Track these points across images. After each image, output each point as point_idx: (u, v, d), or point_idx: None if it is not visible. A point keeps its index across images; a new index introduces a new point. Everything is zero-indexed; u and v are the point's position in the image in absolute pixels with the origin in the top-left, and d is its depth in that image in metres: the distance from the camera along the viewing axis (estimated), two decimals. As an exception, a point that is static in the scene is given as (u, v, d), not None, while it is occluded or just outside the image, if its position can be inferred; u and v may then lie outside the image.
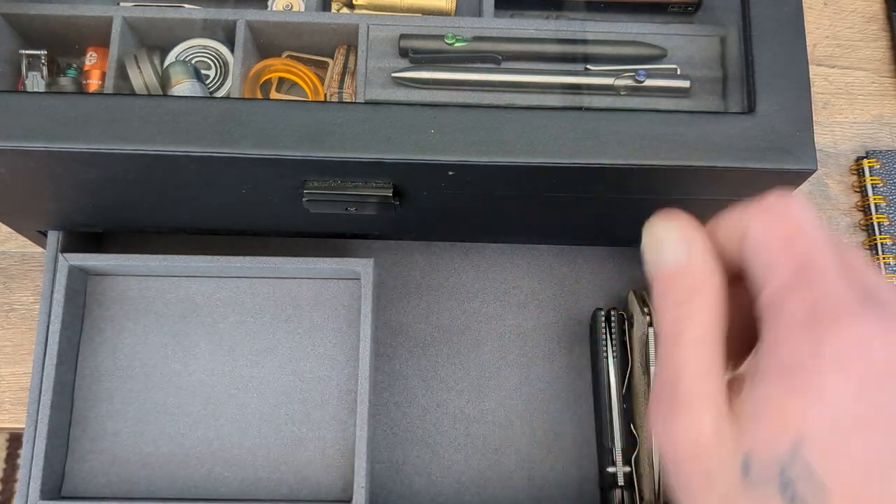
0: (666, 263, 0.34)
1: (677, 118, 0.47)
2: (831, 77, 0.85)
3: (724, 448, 0.31)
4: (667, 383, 0.33)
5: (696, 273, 0.33)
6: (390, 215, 0.56)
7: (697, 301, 0.33)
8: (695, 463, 0.32)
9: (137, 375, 0.68)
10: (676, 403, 0.32)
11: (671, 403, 0.32)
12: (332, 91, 0.65)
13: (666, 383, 0.33)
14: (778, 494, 0.29)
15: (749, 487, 0.30)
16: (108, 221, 0.64)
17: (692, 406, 0.32)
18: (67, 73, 0.67)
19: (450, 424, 0.70)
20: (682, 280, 0.33)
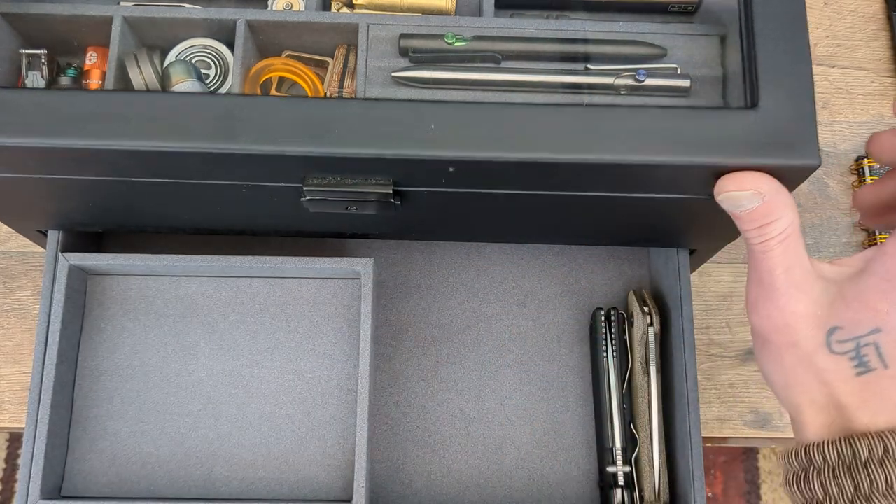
0: (744, 207, 0.45)
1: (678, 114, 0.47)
2: (831, 77, 0.85)
3: (813, 323, 0.44)
4: (761, 278, 0.45)
5: (773, 206, 0.44)
6: (390, 215, 0.56)
7: (781, 220, 0.44)
8: (785, 334, 0.44)
9: (137, 375, 0.68)
10: (773, 290, 0.44)
11: (767, 290, 0.44)
12: (332, 90, 0.65)
13: (760, 278, 0.45)
14: (849, 360, 0.43)
15: (827, 352, 0.43)
16: (108, 221, 0.64)
17: (786, 292, 0.44)
18: (67, 72, 0.67)
19: (450, 424, 0.69)
20: (762, 213, 0.44)
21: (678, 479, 0.65)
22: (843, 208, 0.81)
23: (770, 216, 0.44)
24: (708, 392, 0.75)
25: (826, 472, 0.44)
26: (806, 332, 0.44)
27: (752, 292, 0.46)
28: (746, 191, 0.45)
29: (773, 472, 1.48)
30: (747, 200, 0.45)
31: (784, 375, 0.46)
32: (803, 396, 0.45)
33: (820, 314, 0.44)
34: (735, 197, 0.45)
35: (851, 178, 0.82)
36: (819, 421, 0.45)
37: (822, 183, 0.82)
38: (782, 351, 0.45)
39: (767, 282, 0.45)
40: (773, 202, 0.44)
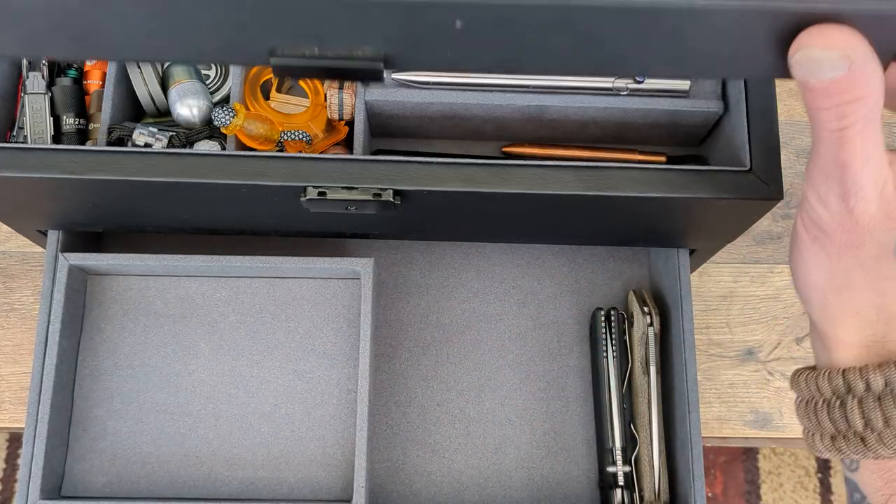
0: (824, 75, 0.35)
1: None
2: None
3: (885, 224, 0.38)
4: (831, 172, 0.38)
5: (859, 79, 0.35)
6: (390, 215, 0.56)
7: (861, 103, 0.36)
8: (851, 233, 0.39)
9: (137, 375, 0.68)
10: (847, 186, 0.38)
11: (841, 181, 0.38)
12: (332, 91, 0.65)
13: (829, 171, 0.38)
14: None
15: (890, 258, 0.39)
16: (108, 221, 0.64)
17: (862, 186, 0.38)
18: (68, 73, 0.67)
19: (450, 424, 0.70)
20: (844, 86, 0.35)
21: (678, 479, 0.65)
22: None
23: (855, 91, 0.35)
24: (708, 392, 0.75)
25: (871, 401, 0.40)
26: (878, 233, 0.39)
27: (819, 182, 0.39)
28: (834, 51, 0.35)
29: (773, 472, 1.49)
30: (830, 66, 0.35)
31: (835, 277, 0.41)
32: (850, 305, 0.41)
33: (890, 215, 0.38)
34: (817, 58, 0.35)
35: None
36: (858, 339, 0.41)
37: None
38: (842, 250, 0.40)
39: (839, 176, 0.38)
40: (862, 73, 0.35)
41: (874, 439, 0.39)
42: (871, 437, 0.39)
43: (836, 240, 0.40)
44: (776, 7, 0.34)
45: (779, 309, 0.78)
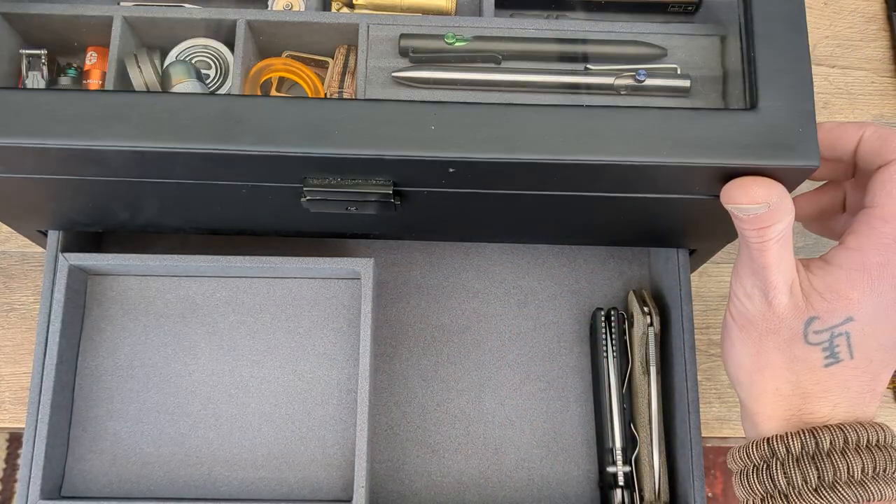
0: (751, 212, 0.46)
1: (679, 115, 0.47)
2: (831, 77, 0.85)
3: (795, 312, 0.48)
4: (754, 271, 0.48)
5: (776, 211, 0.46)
6: (390, 215, 0.56)
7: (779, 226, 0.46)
8: (770, 321, 0.48)
9: (137, 375, 0.68)
10: (766, 283, 0.47)
11: (763, 283, 0.48)
12: (332, 91, 0.65)
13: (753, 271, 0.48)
14: (821, 350, 0.47)
15: (804, 342, 0.47)
16: (108, 221, 0.64)
17: (776, 286, 0.47)
18: (68, 72, 0.67)
19: (450, 424, 0.70)
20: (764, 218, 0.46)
21: (678, 479, 0.65)
22: (843, 208, 0.81)
23: (772, 220, 0.46)
24: (708, 392, 0.75)
25: (790, 462, 0.47)
26: (789, 321, 0.48)
27: (745, 281, 0.49)
28: (757, 204, 0.46)
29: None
30: (753, 209, 0.46)
31: (758, 359, 0.49)
32: (771, 383, 0.49)
33: (801, 306, 0.48)
34: (744, 207, 0.46)
35: (851, 178, 0.82)
36: (779, 412, 0.49)
37: (823, 183, 0.82)
38: (763, 336, 0.49)
39: (761, 276, 0.47)
40: (777, 208, 0.46)
41: (795, 496, 0.47)
42: (793, 494, 0.47)
43: (758, 327, 0.49)
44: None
45: None
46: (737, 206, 0.46)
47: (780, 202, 0.46)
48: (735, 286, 0.50)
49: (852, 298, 0.47)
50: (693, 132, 0.47)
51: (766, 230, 0.46)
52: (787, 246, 0.47)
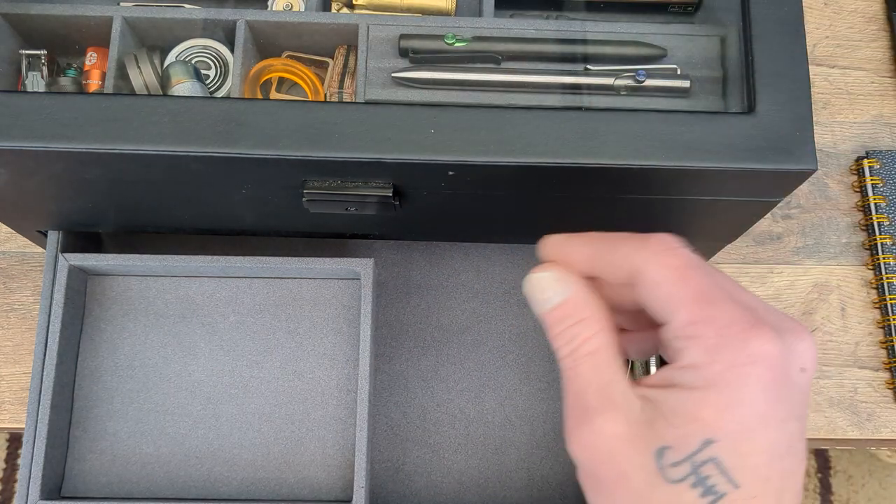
0: (550, 302, 0.40)
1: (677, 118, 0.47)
2: (831, 77, 0.85)
3: (637, 446, 0.36)
4: (573, 401, 0.38)
5: (579, 303, 0.39)
6: (390, 215, 0.56)
7: (585, 324, 0.39)
8: (610, 464, 0.37)
9: (137, 375, 0.68)
10: (586, 412, 0.37)
11: (581, 413, 0.37)
12: (332, 91, 0.65)
13: (572, 402, 0.38)
14: (690, 487, 0.35)
15: (664, 482, 0.35)
16: (108, 221, 0.64)
17: (603, 413, 0.37)
18: (67, 73, 0.67)
19: (450, 424, 0.70)
20: (568, 311, 0.39)
21: (677, 479, 0.65)
22: (843, 209, 0.81)
23: (577, 314, 0.39)
24: (707, 392, 0.75)
25: None
26: (633, 458, 0.36)
27: (568, 420, 0.39)
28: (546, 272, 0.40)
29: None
30: (551, 290, 0.40)
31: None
32: None
33: (643, 435, 0.36)
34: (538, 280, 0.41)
35: (851, 178, 0.82)
36: None
37: (822, 183, 0.82)
38: (613, 489, 0.37)
39: (581, 404, 0.38)
40: (581, 297, 0.39)
41: None
42: None
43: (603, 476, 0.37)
44: None
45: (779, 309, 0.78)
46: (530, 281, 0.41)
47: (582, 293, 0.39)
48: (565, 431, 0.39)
49: (705, 419, 0.35)
50: (691, 135, 0.47)
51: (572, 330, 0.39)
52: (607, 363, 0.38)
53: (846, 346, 0.77)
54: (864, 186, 0.81)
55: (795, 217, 0.81)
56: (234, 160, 0.47)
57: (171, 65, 0.62)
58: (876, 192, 0.80)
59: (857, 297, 0.79)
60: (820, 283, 0.79)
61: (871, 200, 0.80)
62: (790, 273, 0.79)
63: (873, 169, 0.81)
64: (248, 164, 0.48)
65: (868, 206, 0.80)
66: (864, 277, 0.79)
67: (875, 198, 0.80)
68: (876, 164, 0.81)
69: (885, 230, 0.79)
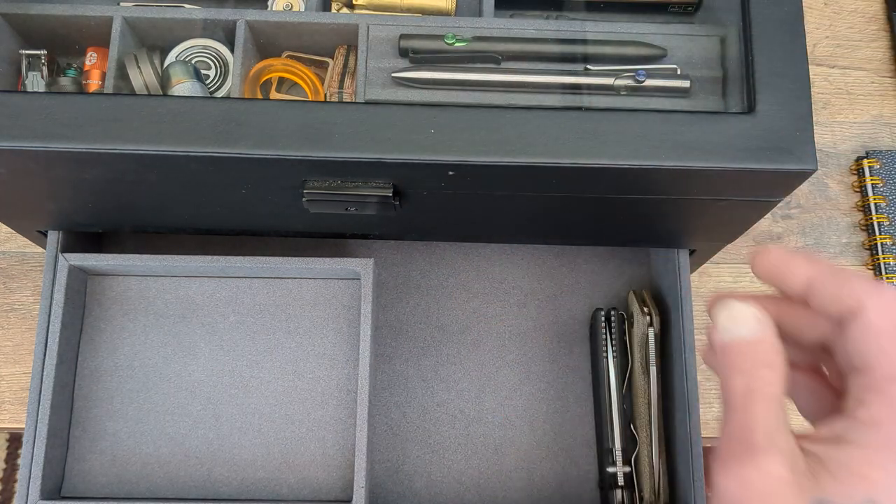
0: (739, 334, 0.39)
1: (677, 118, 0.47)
2: (831, 77, 0.85)
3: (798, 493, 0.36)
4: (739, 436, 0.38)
5: (769, 346, 0.39)
6: (390, 215, 0.56)
7: (770, 369, 0.38)
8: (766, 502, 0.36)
9: (137, 375, 0.68)
10: (753, 450, 0.37)
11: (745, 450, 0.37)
12: (332, 91, 0.65)
13: (737, 436, 0.38)
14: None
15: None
16: (108, 221, 0.64)
17: (769, 454, 0.37)
18: (67, 73, 0.67)
19: (450, 424, 0.70)
20: (756, 350, 0.39)
21: (678, 479, 0.65)
22: (843, 208, 0.81)
23: (766, 358, 0.39)
24: (708, 392, 0.75)
25: None
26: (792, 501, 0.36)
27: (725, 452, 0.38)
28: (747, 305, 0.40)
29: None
30: (746, 326, 0.40)
31: None
32: None
33: (805, 484, 0.37)
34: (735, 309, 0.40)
35: (851, 178, 0.82)
36: None
37: (822, 183, 0.82)
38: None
39: (746, 440, 0.38)
40: (773, 343, 0.39)
41: None
42: None
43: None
44: None
45: None
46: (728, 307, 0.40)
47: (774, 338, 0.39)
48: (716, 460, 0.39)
49: (874, 479, 0.37)
50: (691, 135, 0.47)
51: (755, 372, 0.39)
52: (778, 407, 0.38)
53: (846, 346, 0.77)
54: (864, 186, 0.81)
55: (795, 217, 0.81)
56: (234, 160, 0.47)
57: (171, 65, 0.62)
58: (876, 192, 0.80)
59: (857, 297, 0.79)
60: (820, 283, 0.79)
61: (871, 200, 0.80)
62: (790, 273, 0.79)
63: (873, 169, 0.81)
64: (248, 164, 0.48)
65: (868, 206, 0.80)
66: (864, 277, 0.79)
67: (875, 198, 0.80)
68: (876, 164, 0.81)
69: (885, 230, 0.79)
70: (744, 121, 0.47)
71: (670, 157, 0.46)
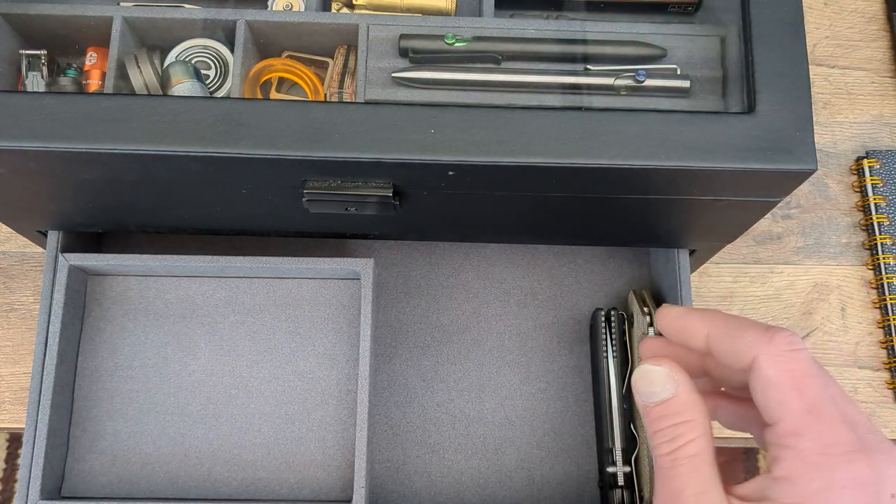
0: (657, 396, 0.40)
1: (677, 118, 0.47)
2: (831, 77, 0.85)
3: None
4: (668, 501, 0.38)
5: (685, 404, 0.39)
6: (390, 215, 0.56)
7: (689, 424, 0.39)
8: None
9: (137, 375, 0.68)
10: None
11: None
12: (332, 91, 0.65)
13: (666, 501, 0.38)
14: None
15: None
16: (108, 221, 0.64)
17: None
18: (67, 73, 0.67)
19: (450, 424, 0.70)
20: (673, 409, 0.39)
21: (677, 479, 0.65)
22: (843, 209, 0.81)
23: (683, 413, 0.39)
24: (707, 392, 0.75)
25: None
26: None
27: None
28: (658, 367, 0.40)
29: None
30: (661, 386, 0.40)
31: None
32: None
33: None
34: (649, 373, 0.40)
35: (851, 178, 0.82)
36: None
37: (822, 183, 0.82)
38: None
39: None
40: (687, 399, 0.39)
41: None
42: None
43: None
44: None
45: (779, 309, 0.78)
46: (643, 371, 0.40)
47: (691, 395, 0.39)
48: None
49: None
50: (691, 135, 0.47)
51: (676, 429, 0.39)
52: (706, 468, 0.38)
53: (846, 346, 0.78)
54: (864, 186, 0.81)
55: (795, 217, 0.81)
56: (234, 160, 0.47)
57: (171, 65, 0.62)
58: (876, 192, 0.80)
59: (857, 297, 0.79)
60: (820, 283, 0.79)
61: (871, 200, 0.80)
62: (790, 273, 0.79)
63: (873, 169, 0.81)
64: (248, 164, 0.48)
65: (868, 206, 0.80)
66: (864, 277, 0.79)
67: (875, 198, 0.80)
68: (876, 164, 0.81)
69: (885, 230, 0.79)
70: (744, 121, 0.47)
71: (670, 157, 0.46)
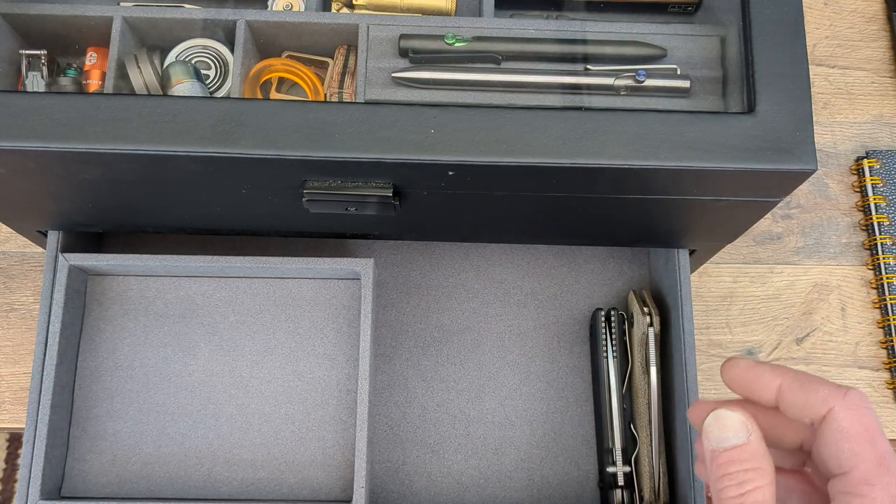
0: (728, 441, 0.40)
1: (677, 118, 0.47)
2: (831, 77, 0.85)
3: None
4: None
5: (755, 450, 0.40)
6: (390, 215, 0.56)
7: (758, 472, 0.39)
8: None
9: (137, 375, 0.68)
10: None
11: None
12: (332, 91, 0.65)
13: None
14: None
15: None
16: (108, 221, 0.64)
17: None
18: (67, 73, 0.67)
19: (450, 424, 0.70)
20: (746, 456, 0.40)
21: (678, 479, 0.65)
22: (843, 208, 0.81)
23: (754, 461, 0.40)
24: (708, 392, 0.75)
25: None
26: None
27: None
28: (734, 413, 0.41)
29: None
30: (734, 432, 0.40)
31: None
32: None
33: None
34: (723, 418, 0.41)
35: (852, 178, 0.82)
36: None
37: (822, 183, 0.82)
38: None
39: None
40: (758, 447, 0.40)
41: None
42: None
43: None
44: None
45: (779, 309, 0.78)
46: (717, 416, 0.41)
47: (761, 444, 0.40)
48: None
49: None
50: (691, 135, 0.47)
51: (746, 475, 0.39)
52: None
53: (846, 346, 0.77)
54: (864, 186, 0.81)
55: (795, 217, 0.81)
56: (234, 160, 0.47)
57: (171, 65, 0.62)
58: (876, 192, 0.80)
59: (857, 297, 0.79)
60: (820, 283, 0.79)
61: (871, 200, 0.80)
62: (790, 273, 0.79)
63: (873, 169, 0.81)
64: (248, 164, 0.48)
65: (868, 206, 0.80)
66: (864, 277, 0.79)
67: (875, 198, 0.80)
68: (876, 164, 0.81)
69: (885, 230, 0.79)
70: (744, 121, 0.47)
71: (670, 157, 0.46)
